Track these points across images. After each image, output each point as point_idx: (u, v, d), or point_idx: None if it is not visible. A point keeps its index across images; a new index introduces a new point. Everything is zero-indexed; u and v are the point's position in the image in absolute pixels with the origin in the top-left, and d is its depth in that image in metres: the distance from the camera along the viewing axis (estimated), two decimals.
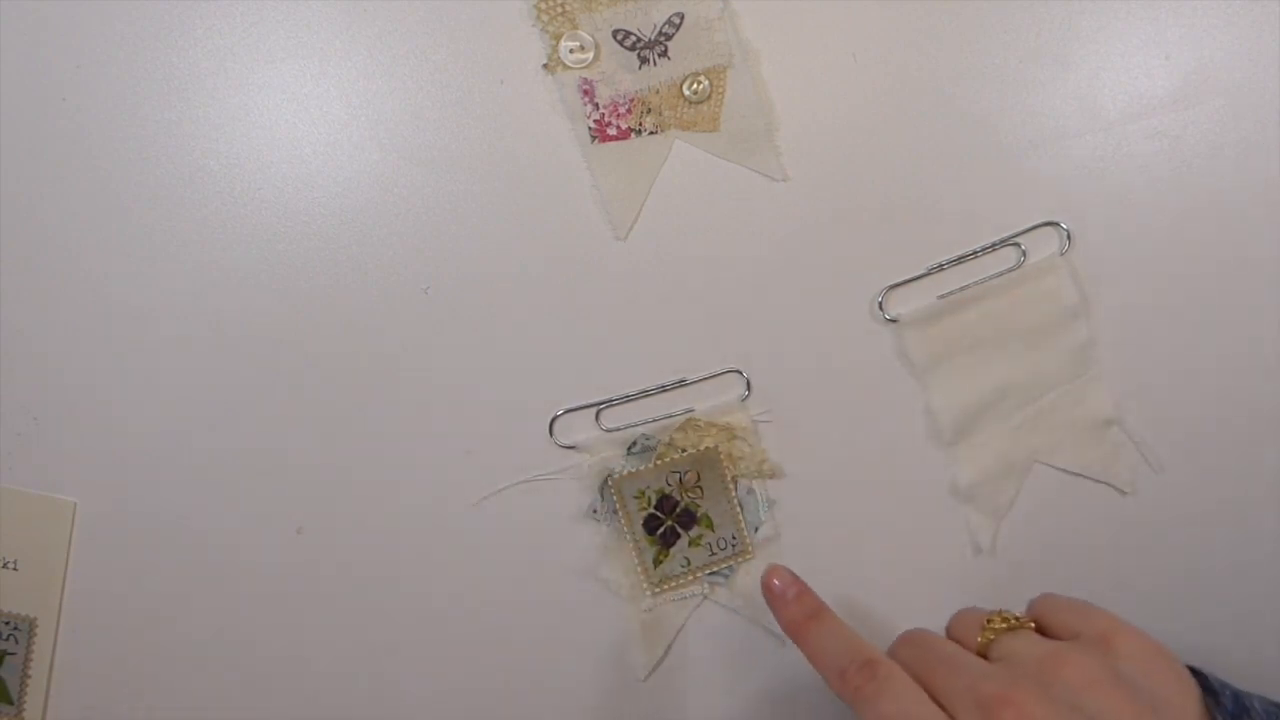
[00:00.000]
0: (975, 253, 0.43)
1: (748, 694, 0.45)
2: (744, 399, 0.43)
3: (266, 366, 0.42)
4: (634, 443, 0.43)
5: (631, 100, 0.41)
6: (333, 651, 0.44)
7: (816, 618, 0.37)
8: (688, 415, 0.43)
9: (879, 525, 0.44)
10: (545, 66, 0.41)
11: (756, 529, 0.44)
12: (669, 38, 0.41)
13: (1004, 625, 0.35)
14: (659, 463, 0.43)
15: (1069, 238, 0.43)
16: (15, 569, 0.43)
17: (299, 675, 0.44)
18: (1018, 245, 0.43)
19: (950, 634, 0.37)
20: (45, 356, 0.42)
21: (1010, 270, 0.43)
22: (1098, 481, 0.44)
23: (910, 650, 0.35)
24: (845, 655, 0.35)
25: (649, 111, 0.41)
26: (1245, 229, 0.43)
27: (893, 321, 0.43)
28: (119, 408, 0.43)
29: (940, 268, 0.43)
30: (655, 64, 0.41)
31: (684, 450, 0.43)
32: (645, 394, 0.43)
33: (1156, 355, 0.44)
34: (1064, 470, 0.44)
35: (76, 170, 0.41)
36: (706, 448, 0.43)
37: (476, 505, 0.43)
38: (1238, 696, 0.32)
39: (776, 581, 0.38)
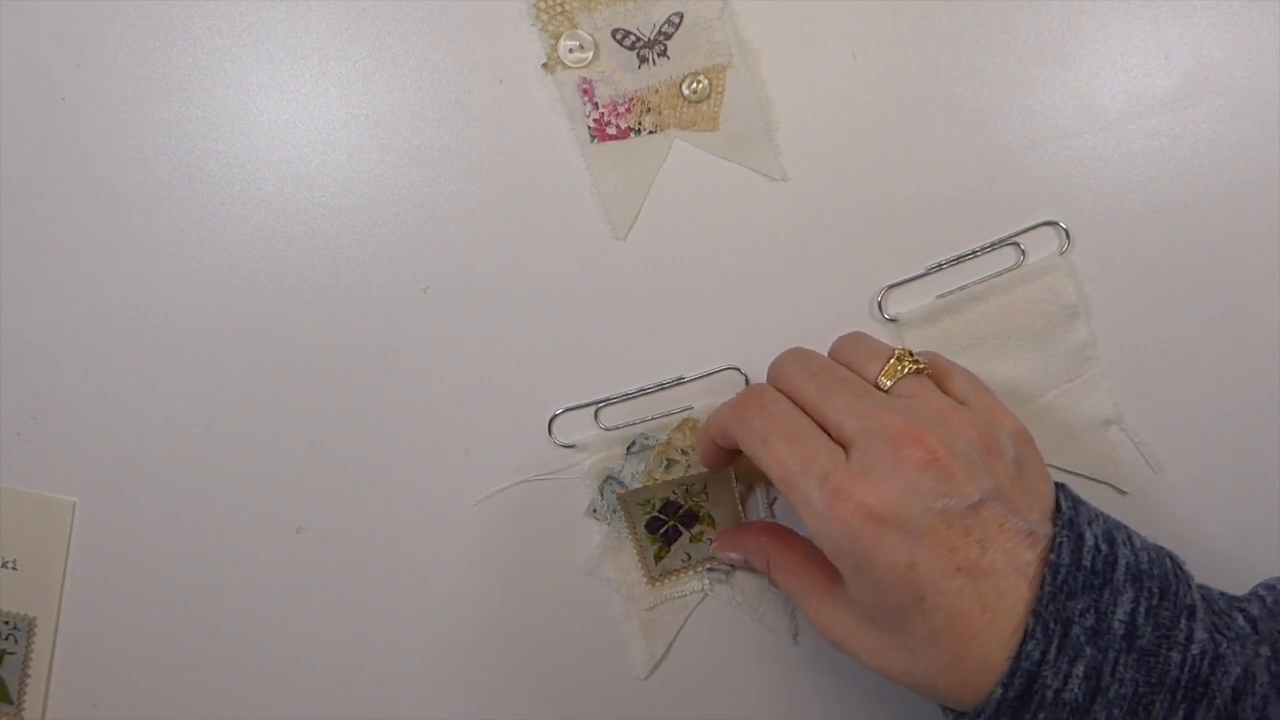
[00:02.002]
0: (975, 252, 0.43)
1: (750, 693, 0.45)
2: None
3: (266, 366, 0.42)
4: (633, 442, 0.43)
5: (631, 100, 0.41)
6: (333, 651, 0.44)
7: (718, 409, 0.38)
8: (686, 415, 0.43)
9: None
10: (544, 66, 0.41)
11: None
12: (668, 37, 0.41)
13: (913, 366, 0.36)
14: (666, 478, 0.42)
15: (1069, 237, 0.43)
16: (15, 569, 0.43)
17: (299, 675, 0.44)
18: (1017, 245, 0.43)
19: (839, 355, 0.38)
20: (45, 356, 0.42)
21: (1010, 270, 0.43)
22: (1098, 481, 0.44)
23: (802, 367, 0.37)
24: (740, 398, 0.37)
25: (648, 111, 0.41)
26: (1245, 229, 0.43)
27: (893, 321, 0.43)
28: (119, 408, 0.43)
29: (940, 268, 0.43)
30: (655, 63, 0.41)
31: (684, 451, 0.43)
32: (644, 392, 0.43)
33: (1156, 355, 0.44)
34: (1064, 470, 0.44)
35: (76, 170, 0.41)
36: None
37: (477, 505, 0.43)
38: (1078, 497, 0.35)
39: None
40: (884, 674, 0.34)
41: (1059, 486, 0.35)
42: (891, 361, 0.36)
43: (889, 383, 0.36)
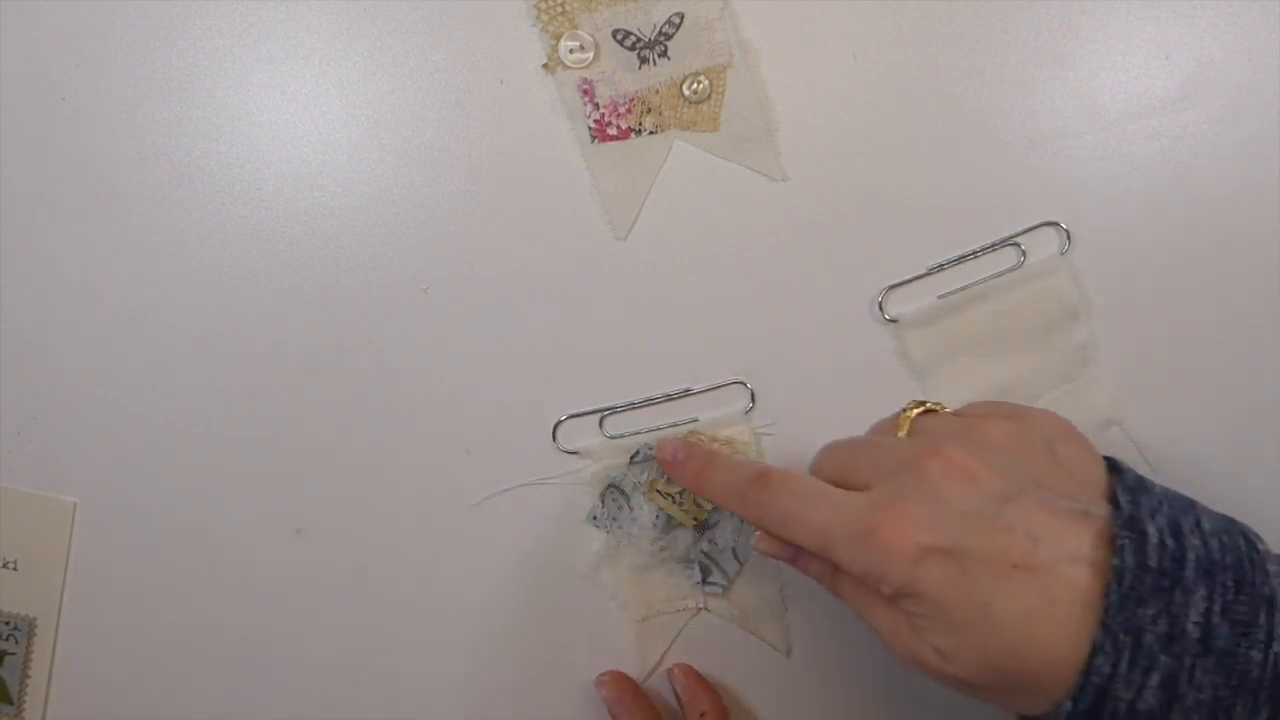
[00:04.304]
0: (975, 253, 0.43)
1: (743, 706, 0.45)
2: (748, 411, 0.43)
3: (266, 366, 0.42)
4: (636, 451, 0.43)
5: (631, 100, 0.41)
6: (332, 651, 0.44)
7: (709, 463, 0.38)
8: (691, 428, 0.43)
9: None
10: (545, 66, 0.41)
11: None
12: (669, 37, 0.41)
13: (919, 409, 0.36)
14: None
15: (1069, 238, 0.43)
16: (15, 569, 0.43)
17: (299, 675, 0.44)
18: (1018, 245, 0.43)
19: (871, 433, 0.38)
20: (45, 356, 0.42)
21: (1010, 270, 0.43)
22: None
23: (829, 454, 0.36)
24: (740, 479, 0.36)
25: (649, 111, 0.41)
26: (1246, 229, 0.43)
27: (893, 321, 0.43)
28: (119, 408, 0.43)
29: (940, 268, 0.43)
30: (655, 64, 0.41)
31: None
32: (650, 402, 0.43)
33: (1156, 355, 0.44)
34: None
35: (76, 170, 0.41)
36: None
37: (478, 505, 0.43)
38: (1141, 477, 0.33)
39: (667, 451, 0.40)
40: (970, 694, 0.32)
41: (1114, 468, 0.33)
42: (903, 413, 0.36)
43: (904, 430, 0.35)
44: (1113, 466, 0.33)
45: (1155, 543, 0.30)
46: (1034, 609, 0.29)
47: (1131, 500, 0.31)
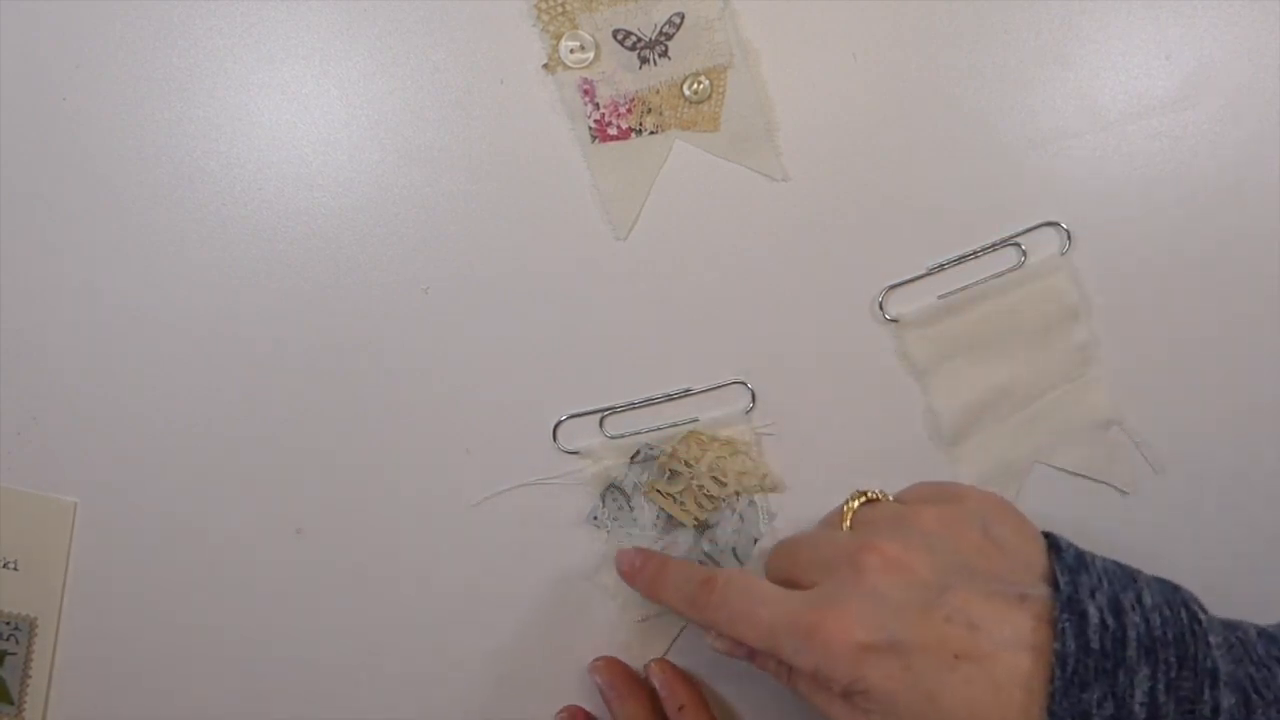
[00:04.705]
0: (975, 253, 0.43)
1: (743, 704, 0.45)
2: (748, 411, 0.43)
3: (266, 366, 0.42)
4: (637, 451, 0.43)
5: (632, 100, 0.41)
6: (332, 651, 0.44)
7: (662, 570, 0.39)
8: (691, 427, 0.43)
9: None
10: (545, 66, 0.41)
11: (756, 541, 0.44)
12: (669, 37, 0.41)
13: (861, 499, 0.37)
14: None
15: (1069, 238, 0.43)
16: (15, 569, 0.43)
17: (298, 675, 0.44)
18: (1018, 245, 0.43)
19: (818, 528, 0.39)
20: (45, 356, 0.42)
21: (1011, 270, 0.43)
22: (1098, 481, 0.44)
23: (776, 553, 0.37)
24: (690, 583, 0.37)
25: (649, 111, 0.41)
26: (1246, 229, 0.43)
27: (893, 321, 0.43)
28: (119, 408, 0.43)
29: (940, 268, 0.43)
30: (655, 64, 0.41)
31: (687, 463, 0.43)
32: (651, 402, 0.43)
33: (1156, 355, 0.44)
34: (1064, 470, 0.44)
35: (76, 170, 0.41)
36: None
37: (478, 505, 0.43)
38: (1080, 553, 0.33)
39: (623, 565, 0.41)
40: None
41: (1052, 546, 0.33)
42: (846, 504, 0.37)
43: (847, 522, 0.36)
44: (1052, 544, 0.33)
45: (1096, 623, 0.30)
46: (980, 697, 0.30)
47: (1070, 580, 0.31)
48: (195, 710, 0.44)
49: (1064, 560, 0.32)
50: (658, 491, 0.43)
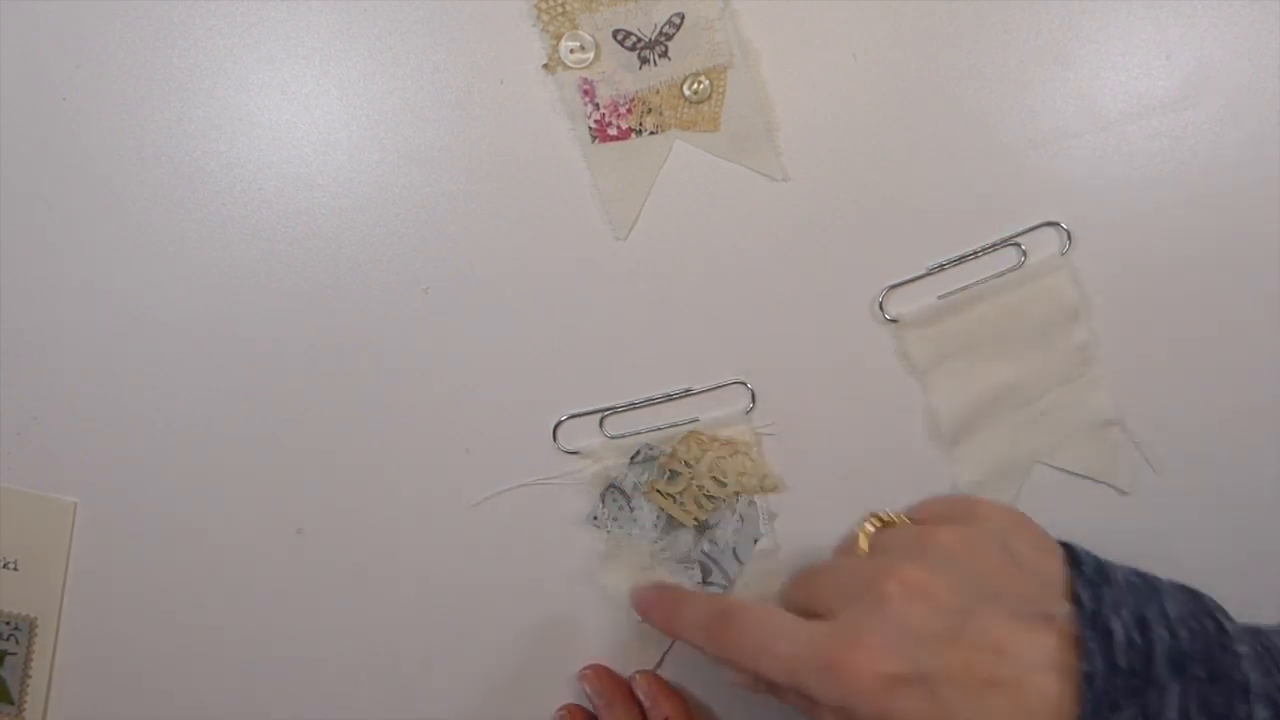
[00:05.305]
0: (975, 253, 0.43)
1: (743, 704, 0.45)
2: (748, 411, 0.43)
3: (266, 366, 0.42)
4: (637, 452, 0.43)
5: (632, 100, 0.41)
6: (332, 651, 0.44)
7: (678, 605, 0.38)
8: (691, 427, 0.43)
9: None
10: (545, 66, 0.41)
11: (756, 541, 0.44)
12: (669, 38, 0.41)
13: (877, 524, 0.36)
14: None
15: (1069, 238, 0.43)
16: (15, 569, 0.43)
17: (299, 675, 0.44)
18: (1018, 245, 0.43)
19: (835, 555, 0.38)
20: (45, 356, 0.42)
21: (1011, 270, 0.43)
22: (1098, 481, 0.44)
23: (794, 583, 0.37)
24: (706, 616, 0.36)
25: (649, 111, 0.41)
26: (1246, 229, 0.43)
27: (893, 321, 0.43)
28: (119, 408, 0.43)
29: (940, 268, 0.43)
30: (655, 64, 0.41)
31: (687, 463, 0.43)
32: (651, 402, 0.43)
33: (1156, 355, 0.44)
34: (1064, 470, 0.44)
35: (76, 170, 0.41)
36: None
37: (478, 505, 0.43)
38: (1100, 565, 0.32)
39: (639, 602, 0.40)
40: None
41: (1070, 560, 0.33)
42: (860, 528, 0.36)
43: (864, 547, 0.36)
44: (1071, 556, 0.33)
45: (1122, 640, 0.29)
46: None
47: (1093, 596, 0.30)
48: (195, 710, 0.44)
49: (1085, 574, 0.32)
50: (658, 492, 0.43)
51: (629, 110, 0.41)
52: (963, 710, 0.29)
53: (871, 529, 0.36)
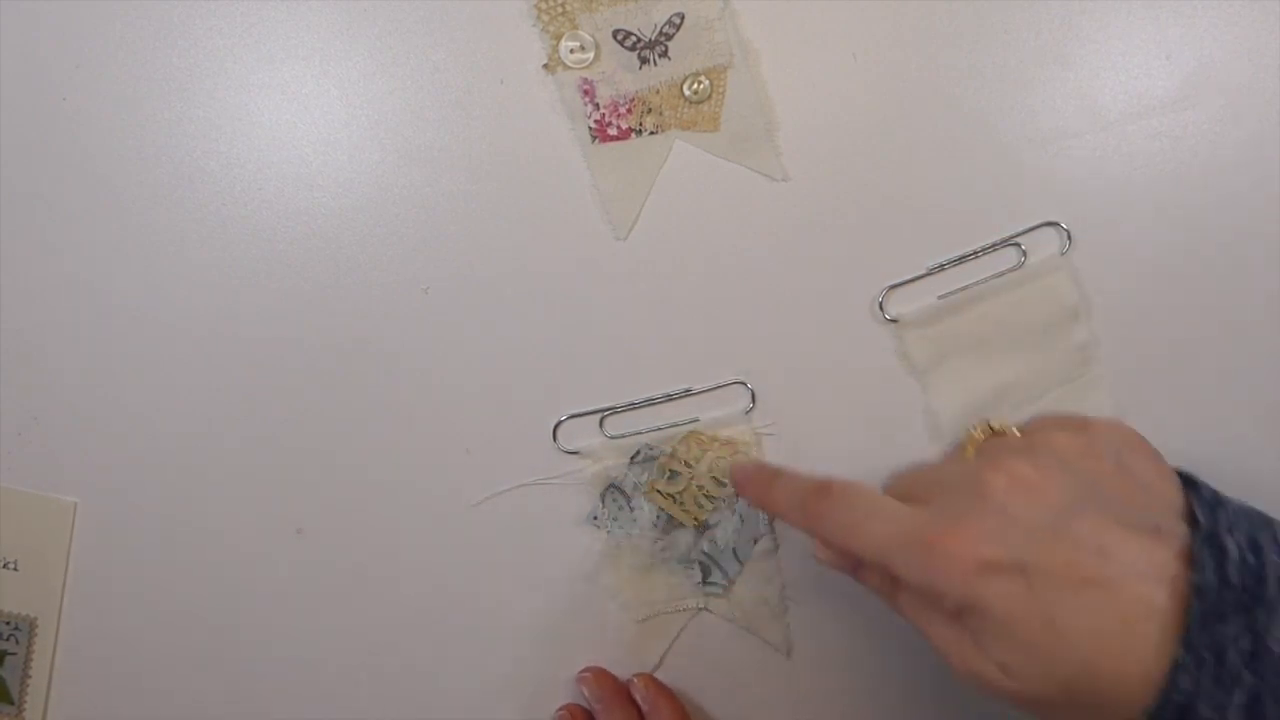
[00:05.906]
0: (975, 253, 0.43)
1: (742, 705, 0.45)
2: (748, 411, 0.43)
3: (267, 366, 0.42)
4: (637, 452, 0.43)
5: (632, 100, 0.41)
6: (332, 651, 0.44)
7: (775, 477, 0.38)
8: (692, 427, 0.43)
9: None
10: (545, 66, 0.41)
11: (756, 541, 0.44)
12: (669, 38, 0.41)
13: (988, 431, 0.36)
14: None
15: (1069, 238, 0.43)
16: (15, 569, 0.43)
17: (299, 675, 0.44)
18: (1018, 245, 0.43)
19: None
20: (45, 356, 0.42)
21: (1011, 270, 0.43)
22: None
23: (896, 482, 0.36)
24: (802, 490, 0.35)
25: (649, 111, 0.41)
26: (1246, 229, 0.43)
27: (893, 321, 0.43)
28: (119, 408, 0.43)
29: (940, 268, 0.43)
30: (655, 64, 0.41)
31: (687, 463, 0.43)
32: (650, 402, 0.43)
33: (1156, 355, 0.44)
34: None
35: (76, 170, 0.41)
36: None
37: (478, 505, 0.43)
38: (1215, 492, 0.32)
39: (737, 475, 0.40)
40: (1032, 712, 0.31)
41: (1189, 484, 0.32)
42: (969, 435, 0.36)
43: (970, 452, 0.36)
44: (1187, 481, 0.33)
45: (1236, 559, 0.29)
46: (1105, 625, 0.29)
47: (1210, 516, 0.30)
48: (195, 710, 0.44)
49: (1202, 496, 0.31)
50: (658, 492, 0.43)
51: (629, 110, 0.41)
52: (1057, 605, 0.29)
53: (981, 436, 0.36)
